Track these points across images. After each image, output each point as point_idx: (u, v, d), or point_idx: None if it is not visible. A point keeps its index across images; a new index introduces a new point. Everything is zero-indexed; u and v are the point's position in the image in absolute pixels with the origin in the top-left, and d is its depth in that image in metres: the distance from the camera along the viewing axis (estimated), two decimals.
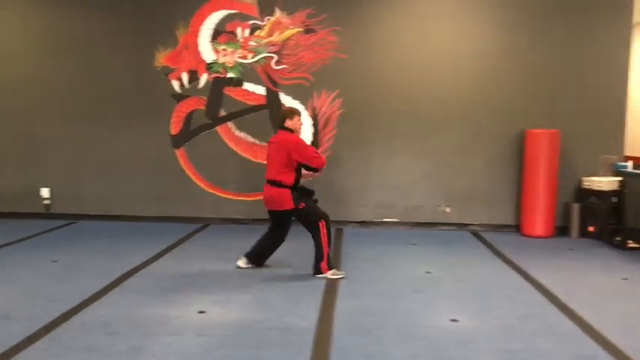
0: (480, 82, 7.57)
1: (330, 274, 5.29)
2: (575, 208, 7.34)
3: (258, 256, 5.62)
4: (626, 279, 5.44)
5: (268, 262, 5.71)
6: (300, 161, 5.27)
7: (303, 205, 5.32)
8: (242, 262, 5.62)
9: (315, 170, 5.42)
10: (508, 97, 7.55)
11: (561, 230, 7.47)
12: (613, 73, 7.45)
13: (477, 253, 6.47)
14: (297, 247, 6.50)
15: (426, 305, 4.56)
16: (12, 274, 5.24)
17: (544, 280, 5.29)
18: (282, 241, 5.64)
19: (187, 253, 6.24)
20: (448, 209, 7.75)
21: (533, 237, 7.30)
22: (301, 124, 5.64)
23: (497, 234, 7.47)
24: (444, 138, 7.68)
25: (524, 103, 7.54)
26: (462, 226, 7.75)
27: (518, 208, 7.57)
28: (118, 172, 7.94)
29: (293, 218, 5.48)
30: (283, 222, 5.53)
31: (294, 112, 5.47)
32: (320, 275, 5.29)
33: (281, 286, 5.02)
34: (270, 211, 5.52)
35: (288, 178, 5.29)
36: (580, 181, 7.46)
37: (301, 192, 5.41)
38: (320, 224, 5.31)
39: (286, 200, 5.28)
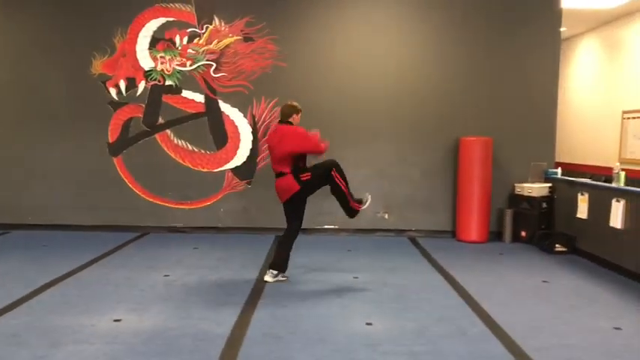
0: (417, 92, 7.72)
1: (364, 207, 5.60)
2: (508, 213, 7.52)
3: (284, 261, 5.51)
4: (546, 282, 5.60)
5: (197, 270, 5.69)
6: (306, 150, 5.37)
7: (308, 175, 5.37)
8: (269, 277, 5.42)
9: (319, 154, 5.50)
10: (444, 107, 7.72)
11: (495, 235, 7.64)
12: (543, 83, 7.69)
13: (409, 258, 6.57)
14: (225, 255, 6.52)
15: (344, 310, 4.61)
16: None
17: (467, 284, 5.41)
18: (298, 232, 5.59)
19: (118, 262, 6.16)
20: (386, 216, 7.86)
21: (467, 242, 7.45)
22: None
23: (434, 239, 7.60)
24: (382, 146, 7.80)
25: (459, 112, 7.71)
26: (400, 232, 7.86)
27: (454, 214, 7.72)
28: (55, 181, 7.81)
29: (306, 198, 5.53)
30: (298, 209, 5.53)
31: (299, 109, 5.60)
32: (358, 212, 5.59)
33: (205, 294, 5.01)
34: (284, 204, 5.52)
35: (290, 166, 5.34)
36: (513, 188, 7.65)
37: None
38: (333, 174, 5.41)
39: (292, 184, 5.33)
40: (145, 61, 7.70)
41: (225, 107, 7.75)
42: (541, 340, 4.01)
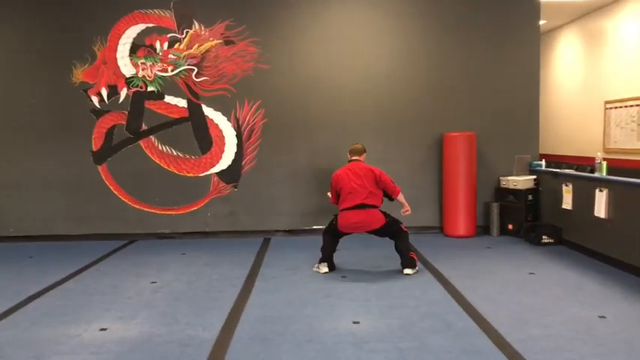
0: (399, 89, 7.74)
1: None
2: (495, 207, 7.56)
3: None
4: (533, 273, 5.63)
5: (184, 276, 5.68)
6: (386, 188, 5.89)
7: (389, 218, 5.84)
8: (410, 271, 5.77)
9: (391, 199, 6.01)
10: (426, 103, 7.75)
11: (483, 229, 7.68)
12: (525, 75, 7.74)
13: (397, 255, 6.55)
14: (212, 259, 6.51)
15: (332, 309, 4.61)
16: None
17: (453, 278, 5.43)
18: (406, 233, 5.97)
19: (104, 270, 6.13)
20: None
21: (455, 237, 7.47)
22: None
23: (421, 235, 7.62)
24: (367, 145, 7.73)
25: (441, 108, 7.75)
26: None
27: (441, 210, 7.75)
28: (39, 192, 7.75)
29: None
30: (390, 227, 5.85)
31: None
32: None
33: (191, 299, 4.99)
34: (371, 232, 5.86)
35: (379, 201, 5.83)
36: (498, 181, 7.69)
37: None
38: (402, 227, 5.88)
39: (379, 218, 5.76)
40: (126, 68, 7.67)
41: (208, 111, 7.74)
42: (526, 331, 4.03)
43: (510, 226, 7.47)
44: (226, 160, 7.82)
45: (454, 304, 4.68)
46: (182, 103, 7.72)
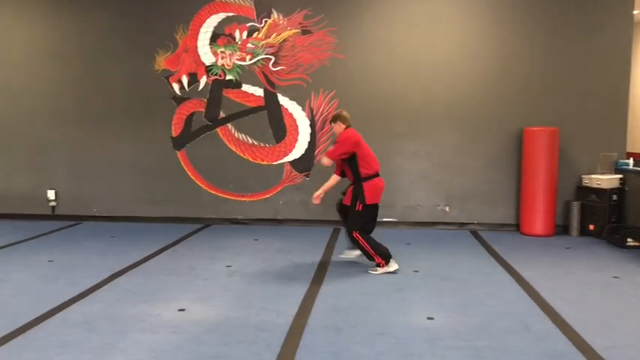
0: (479, 81, 7.52)
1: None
2: (575, 206, 7.23)
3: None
4: (617, 277, 5.35)
5: (257, 261, 5.79)
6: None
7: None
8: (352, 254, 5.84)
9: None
10: (507, 96, 7.49)
11: (562, 229, 7.37)
12: (614, 70, 7.32)
13: (470, 251, 6.43)
14: (284, 246, 6.58)
15: (405, 303, 4.56)
16: (7, 274, 5.40)
17: (531, 278, 5.25)
18: None
19: (181, 252, 6.33)
20: (447, 208, 7.71)
21: (532, 236, 7.22)
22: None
23: (497, 233, 7.41)
24: (442, 137, 7.65)
25: (523, 101, 7.46)
26: (461, 225, 7.71)
27: (518, 207, 7.50)
28: (121, 174, 8.10)
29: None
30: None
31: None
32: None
33: (265, 284, 5.08)
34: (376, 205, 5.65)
35: None
36: (580, 179, 7.35)
37: None
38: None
39: None
40: (206, 57, 7.85)
41: (283, 100, 7.81)
42: (612, 338, 3.83)
43: (592, 227, 7.12)
44: (299, 149, 7.87)
45: (532, 305, 4.52)
46: (259, 92, 7.83)
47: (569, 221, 7.29)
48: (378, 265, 5.48)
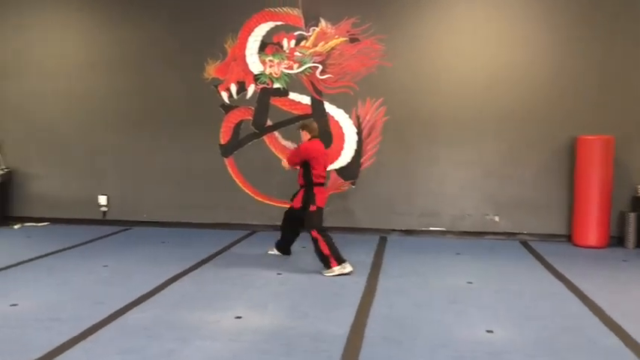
0: (531, 89, 7.40)
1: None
2: (632, 217, 7.02)
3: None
4: None
5: (307, 269, 5.80)
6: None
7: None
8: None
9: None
10: (559, 103, 7.34)
11: (617, 240, 7.18)
12: None
13: (523, 262, 6.31)
14: None
15: (462, 316, 4.49)
16: (65, 278, 5.53)
17: (590, 292, 5.10)
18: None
19: (231, 259, 6.39)
20: (497, 218, 7.59)
21: (585, 247, 7.04)
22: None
23: (548, 244, 7.25)
24: (491, 146, 7.54)
25: (576, 109, 7.30)
26: (511, 235, 7.57)
27: (570, 218, 7.32)
28: (171, 181, 8.23)
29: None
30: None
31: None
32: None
33: (317, 293, 5.07)
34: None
35: None
36: (636, 190, 7.14)
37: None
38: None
39: None
40: (255, 65, 7.93)
41: (330, 108, 7.82)
42: None
43: None
44: (345, 157, 7.87)
45: (594, 320, 4.40)
46: (305, 100, 7.87)
47: (625, 233, 7.08)
48: (330, 267, 5.66)
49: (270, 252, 6.56)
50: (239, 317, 4.43)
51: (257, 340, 3.97)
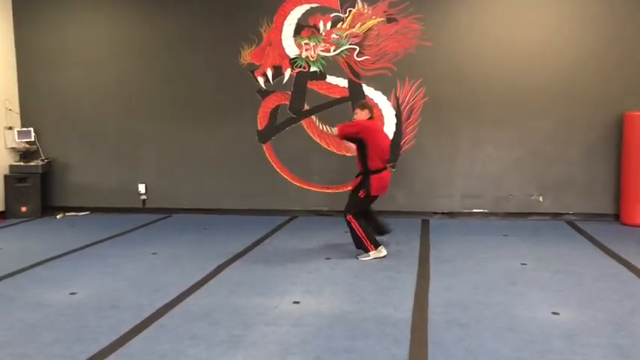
0: (576, 66, 7.22)
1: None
2: None
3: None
4: None
5: (353, 253, 5.76)
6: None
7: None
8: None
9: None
10: (605, 80, 7.16)
11: None
12: None
13: (574, 243, 6.20)
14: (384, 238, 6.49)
15: (524, 298, 4.41)
16: (116, 266, 5.56)
17: None
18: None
19: (277, 245, 6.36)
20: (541, 198, 7.46)
21: (635, 226, 6.89)
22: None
23: (595, 223, 7.12)
24: (535, 125, 7.39)
25: (622, 86, 7.11)
26: (556, 215, 7.44)
27: (618, 197, 7.16)
28: (208, 167, 8.22)
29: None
30: None
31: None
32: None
33: (370, 277, 5.02)
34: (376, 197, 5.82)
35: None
36: None
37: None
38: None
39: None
40: (291, 49, 7.84)
41: (368, 91, 7.72)
42: None
43: None
44: None
45: None
46: (343, 82, 7.77)
47: None
48: (367, 251, 5.59)
49: (360, 258, 5.66)
50: (297, 302, 4.41)
51: (320, 324, 3.94)
